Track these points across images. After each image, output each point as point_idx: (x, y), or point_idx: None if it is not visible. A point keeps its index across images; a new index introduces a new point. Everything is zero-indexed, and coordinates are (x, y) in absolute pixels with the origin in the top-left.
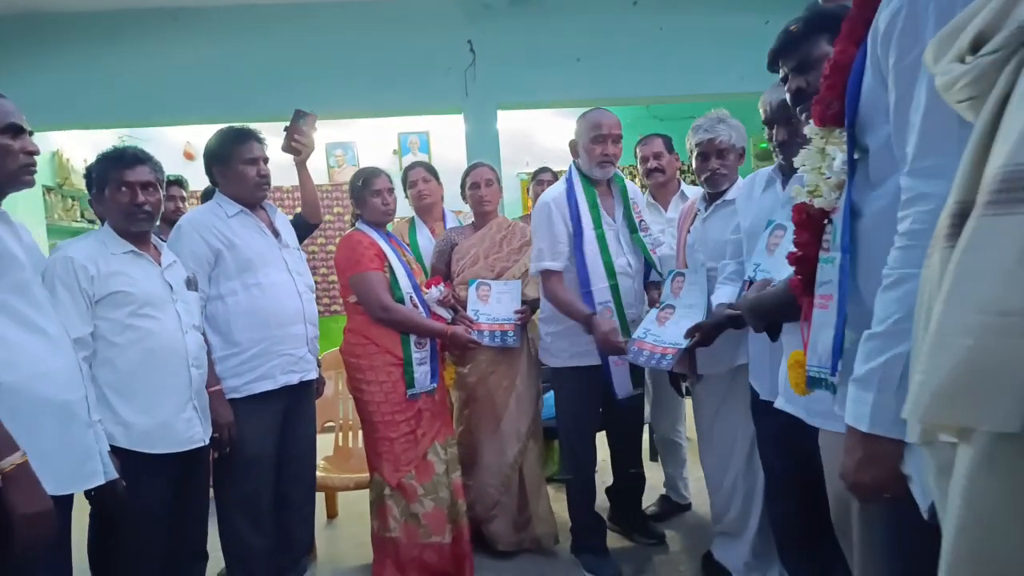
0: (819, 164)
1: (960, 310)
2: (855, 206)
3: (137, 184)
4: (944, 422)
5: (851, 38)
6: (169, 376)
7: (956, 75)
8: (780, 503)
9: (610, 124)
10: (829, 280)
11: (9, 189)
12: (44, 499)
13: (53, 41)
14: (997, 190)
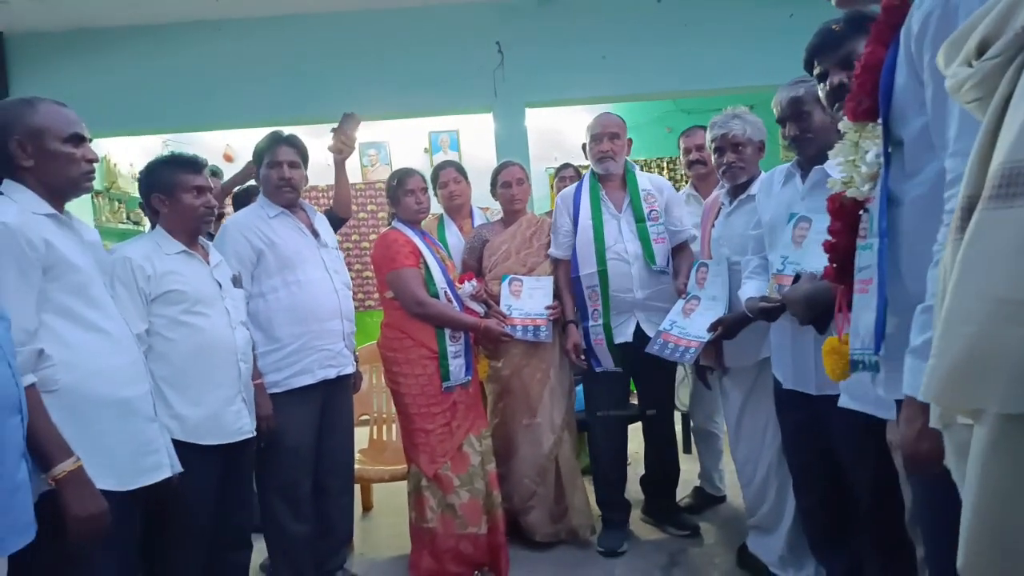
0: (853, 157)
1: (964, 298)
2: (893, 195)
3: (205, 188)
4: (954, 404)
5: (879, 40)
6: (219, 370)
7: (963, 77)
8: (805, 496)
9: (605, 124)
10: (868, 265)
11: (71, 195)
12: (97, 501)
13: (102, 53)
14: (997, 185)
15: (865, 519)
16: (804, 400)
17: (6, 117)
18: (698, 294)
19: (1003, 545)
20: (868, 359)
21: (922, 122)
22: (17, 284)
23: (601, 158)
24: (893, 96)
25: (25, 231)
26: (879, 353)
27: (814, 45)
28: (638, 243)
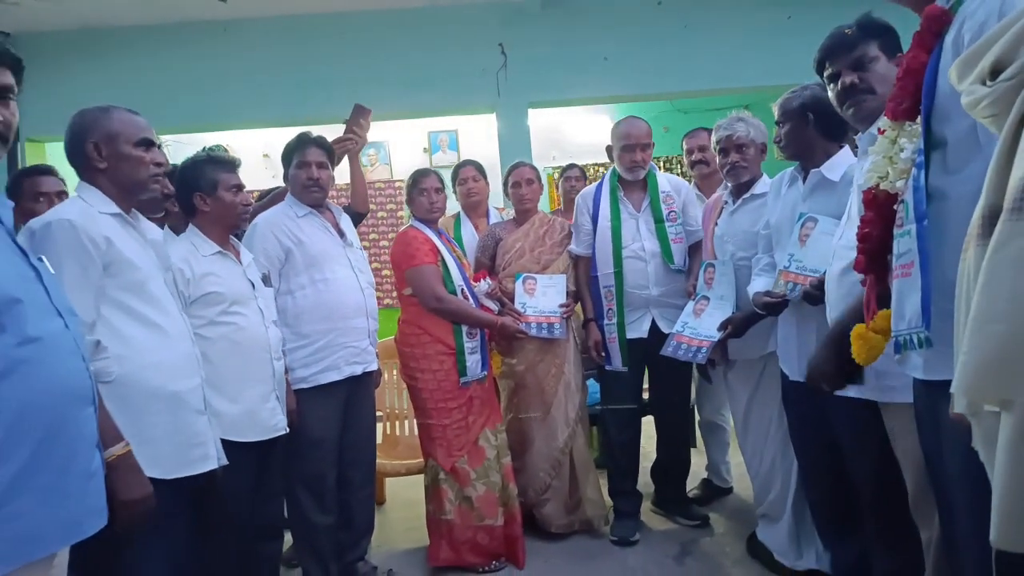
0: (890, 153)
1: (993, 299)
2: (936, 190)
3: (242, 187)
4: (986, 395)
5: (922, 46)
6: (255, 368)
7: (979, 96)
8: (812, 486)
9: (638, 135)
10: (908, 250)
11: (139, 195)
12: (144, 486)
13: (110, 53)
14: (1019, 198)
15: (868, 506)
16: (809, 391)
17: (84, 122)
18: (707, 294)
19: None
20: (916, 337)
21: (969, 123)
22: (77, 278)
23: (633, 167)
24: (936, 98)
25: (88, 229)
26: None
27: (826, 47)
28: (656, 242)
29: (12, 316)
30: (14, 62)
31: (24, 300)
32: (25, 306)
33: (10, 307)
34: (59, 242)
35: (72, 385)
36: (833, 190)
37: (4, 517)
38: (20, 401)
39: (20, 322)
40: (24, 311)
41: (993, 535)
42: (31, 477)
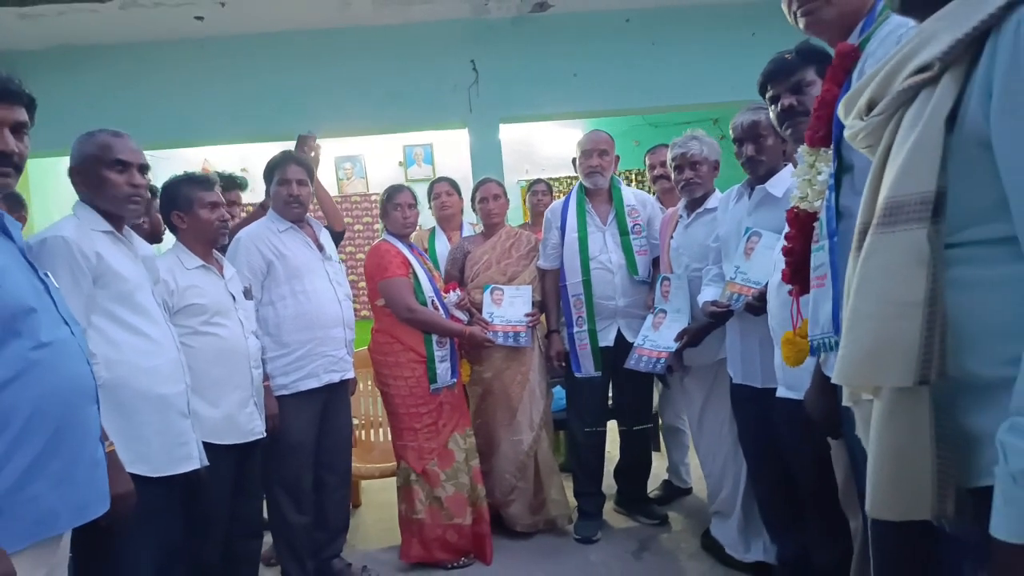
0: (808, 176)
1: (864, 301)
2: (845, 209)
3: (218, 203)
4: (861, 383)
5: (834, 80)
6: (235, 375)
7: (857, 129)
8: (759, 481)
9: (595, 141)
10: (822, 263)
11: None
12: (127, 483)
13: (85, 70)
14: (883, 215)
15: (807, 500)
16: (753, 393)
17: (74, 147)
18: (664, 307)
19: (897, 488)
20: (828, 341)
21: None
22: (69, 289)
23: (590, 173)
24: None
25: (80, 244)
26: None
27: (768, 72)
28: (622, 254)
29: (28, 324)
30: (29, 100)
31: (38, 309)
32: (39, 315)
33: (27, 316)
34: (53, 256)
35: (79, 385)
36: (776, 205)
37: (22, 500)
38: (36, 398)
39: (35, 329)
40: (38, 319)
41: (868, 506)
42: (45, 465)
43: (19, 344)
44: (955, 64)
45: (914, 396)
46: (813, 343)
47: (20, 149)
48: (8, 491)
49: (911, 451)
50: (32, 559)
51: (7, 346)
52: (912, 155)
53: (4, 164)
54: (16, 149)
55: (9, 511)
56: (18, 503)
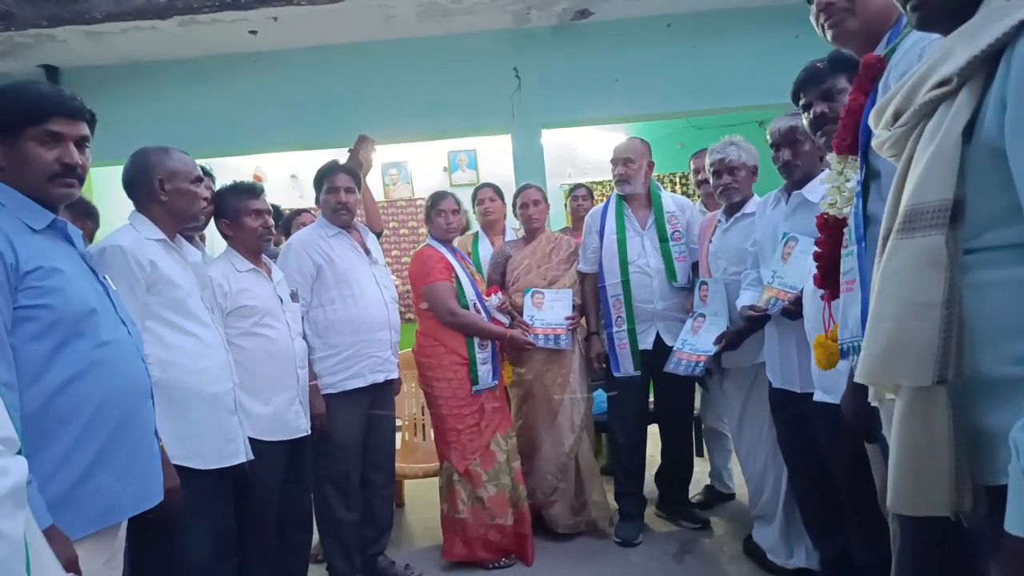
0: (838, 183)
1: (884, 302)
2: (872, 215)
3: (264, 211)
4: (881, 382)
5: (860, 89)
6: (283, 375)
7: (884, 139)
8: (799, 485)
9: (619, 150)
10: (851, 268)
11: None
12: (173, 478)
13: (148, 84)
14: (903, 221)
15: (847, 502)
16: (791, 397)
17: (149, 160)
18: (703, 311)
19: (916, 483)
20: (857, 344)
21: None
22: (125, 296)
23: (618, 181)
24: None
25: (136, 254)
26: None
27: (800, 80)
28: (660, 259)
29: (90, 324)
30: (91, 117)
31: (99, 311)
32: (100, 316)
33: (90, 317)
34: (111, 265)
35: (137, 381)
36: (813, 210)
37: (89, 490)
38: (99, 394)
39: (96, 329)
40: (99, 320)
41: (889, 501)
42: (110, 456)
43: (83, 344)
44: (972, 79)
45: (932, 395)
46: (843, 346)
47: (83, 161)
48: (76, 482)
49: (929, 448)
50: (95, 546)
51: (72, 346)
52: (931, 165)
53: (70, 176)
54: (80, 162)
55: (77, 501)
56: (85, 493)
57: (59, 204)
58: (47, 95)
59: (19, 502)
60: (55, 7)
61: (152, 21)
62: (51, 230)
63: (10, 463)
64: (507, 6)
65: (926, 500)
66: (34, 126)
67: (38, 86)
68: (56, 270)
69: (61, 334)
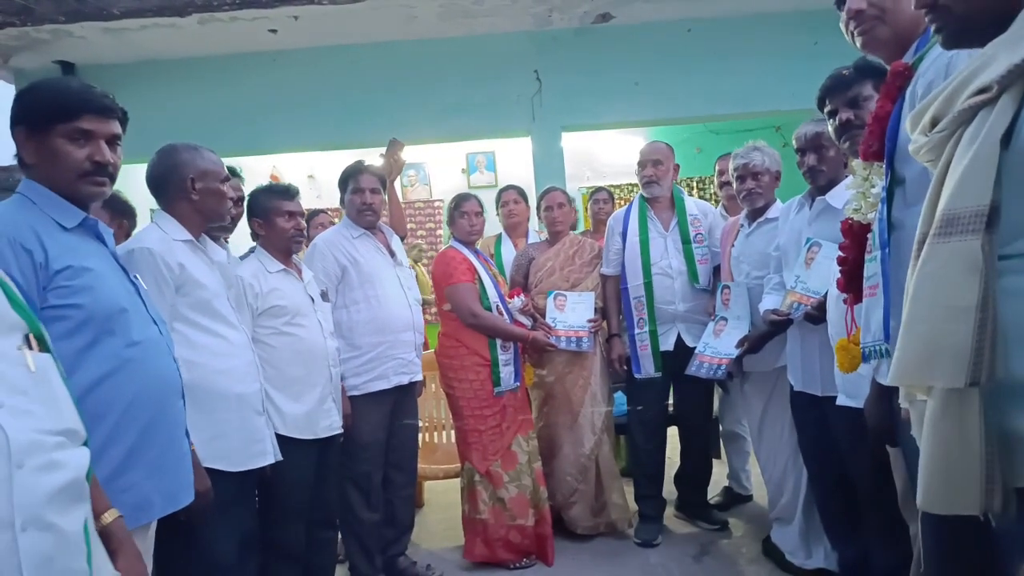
0: (863, 188)
1: (918, 306)
2: (896, 220)
3: (296, 213)
4: (914, 383)
5: (888, 97)
6: (315, 374)
7: (921, 144)
8: (818, 488)
9: (649, 152)
10: (875, 273)
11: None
12: (203, 480)
13: (166, 82)
14: (940, 226)
15: (867, 505)
16: (813, 401)
17: (181, 158)
18: (725, 315)
19: (947, 483)
20: (879, 348)
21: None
22: (155, 297)
23: (646, 183)
24: (898, 143)
25: (164, 255)
26: (888, 342)
27: (826, 87)
28: (683, 260)
29: (121, 323)
30: (123, 115)
31: (129, 310)
32: (130, 315)
33: (120, 316)
34: (140, 266)
35: (168, 380)
36: (837, 216)
37: (119, 488)
38: (130, 392)
39: (127, 328)
40: (130, 319)
41: (919, 500)
42: (140, 455)
43: (113, 342)
44: (1012, 87)
45: (965, 397)
46: (865, 350)
47: (115, 160)
48: (107, 479)
49: (960, 448)
50: None
51: (103, 344)
52: (969, 171)
53: (101, 174)
54: (111, 160)
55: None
56: (117, 490)
57: (89, 202)
58: (79, 92)
59: (76, 496)
60: (74, 3)
61: (171, 19)
62: (82, 228)
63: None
64: (528, 8)
65: (956, 499)
66: (65, 123)
67: (69, 82)
68: (86, 269)
69: (92, 333)
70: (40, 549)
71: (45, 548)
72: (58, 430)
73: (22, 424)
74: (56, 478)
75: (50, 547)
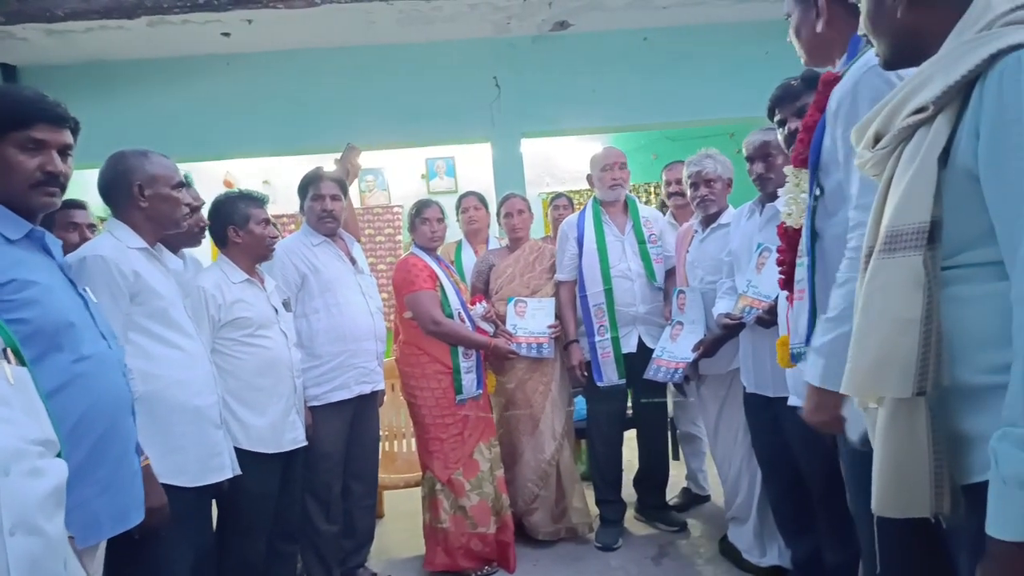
0: (794, 195)
1: (868, 319)
2: (818, 230)
3: (269, 220)
4: (866, 393)
5: (818, 107)
6: (279, 386)
7: (866, 159)
8: (772, 487)
9: (615, 155)
10: (802, 278)
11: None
12: (160, 496)
13: (113, 86)
14: (884, 241)
15: (819, 503)
16: (765, 402)
17: (128, 164)
18: (681, 319)
19: (899, 487)
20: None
21: (839, 177)
22: (108, 307)
23: (613, 185)
24: (821, 153)
25: (119, 263)
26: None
27: (776, 97)
28: (640, 262)
29: (69, 338)
30: (75, 125)
31: (77, 324)
32: (78, 329)
33: (68, 330)
34: (93, 275)
35: (118, 396)
36: None
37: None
38: (79, 408)
39: (76, 343)
40: (78, 333)
41: (873, 504)
42: (89, 473)
43: (61, 357)
44: (947, 106)
45: (912, 404)
46: (793, 351)
47: (66, 170)
48: None
49: (910, 454)
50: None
51: (50, 359)
52: (909, 189)
53: (52, 184)
54: (63, 170)
55: None
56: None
57: (40, 213)
58: (31, 100)
59: (59, 502)
60: (16, 3)
61: (119, 20)
62: (28, 240)
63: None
64: (487, 15)
65: (908, 502)
66: (17, 132)
67: (22, 91)
68: (32, 282)
69: (38, 348)
70: (28, 552)
71: (33, 551)
72: (39, 440)
73: (6, 432)
74: (42, 484)
75: (37, 551)
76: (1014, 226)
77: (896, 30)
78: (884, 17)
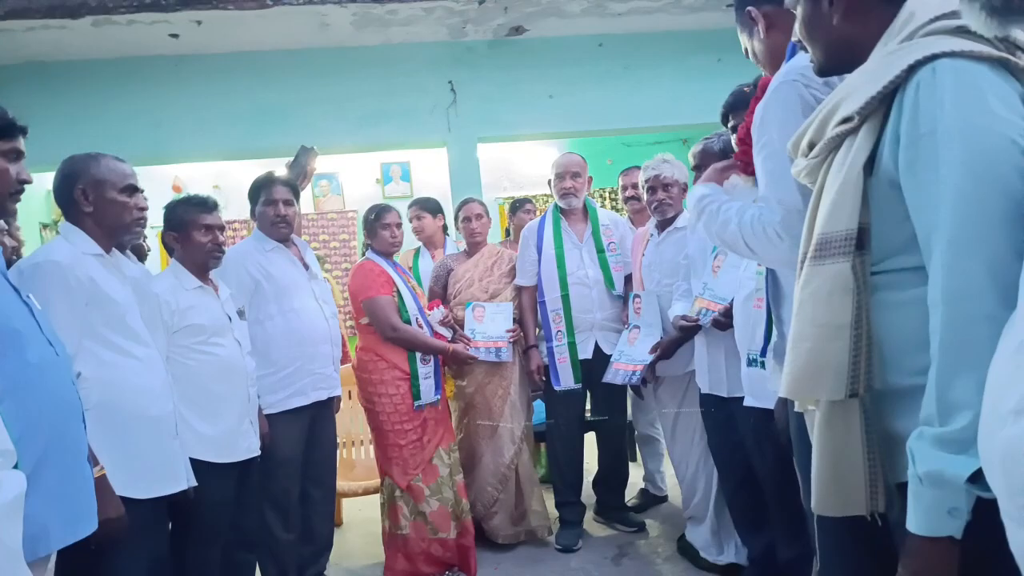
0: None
1: (802, 324)
2: None
3: (215, 227)
4: (802, 396)
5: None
6: (234, 394)
7: (801, 167)
8: (727, 485)
9: (568, 164)
10: (760, 287)
11: (122, 237)
12: (117, 507)
13: (57, 86)
14: (815, 248)
15: (772, 501)
16: (720, 402)
17: (73, 168)
18: (638, 323)
19: (836, 486)
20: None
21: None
22: (64, 314)
23: (564, 194)
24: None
25: (73, 269)
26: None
27: (729, 103)
28: (599, 270)
29: (13, 345)
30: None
31: (22, 331)
32: (23, 336)
33: (12, 337)
34: (47, 282)
35: (66, 403)
36: None
37: None
38: (25, 416)
39: (20, 350)
40: (23, 340)
41: (813, 504)
42: (37, 482)
43: (6, 364)
44: (872, 116)
45: (846, 407)
46: (748, 356)
47: (24, 176)
48: None
49: (845, 454)
50: None
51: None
52: (837, 197)
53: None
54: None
55: None
56: None
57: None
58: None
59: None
60: None
61: (62, 20)
62: None
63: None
64: (443, 19)
65: (845, 501)
66: None
67: None
68: None
69: None
70: None
71: None
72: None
73: None
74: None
75: None
76: (930, 233)
77: (831, 38)
78: (820, 25)
